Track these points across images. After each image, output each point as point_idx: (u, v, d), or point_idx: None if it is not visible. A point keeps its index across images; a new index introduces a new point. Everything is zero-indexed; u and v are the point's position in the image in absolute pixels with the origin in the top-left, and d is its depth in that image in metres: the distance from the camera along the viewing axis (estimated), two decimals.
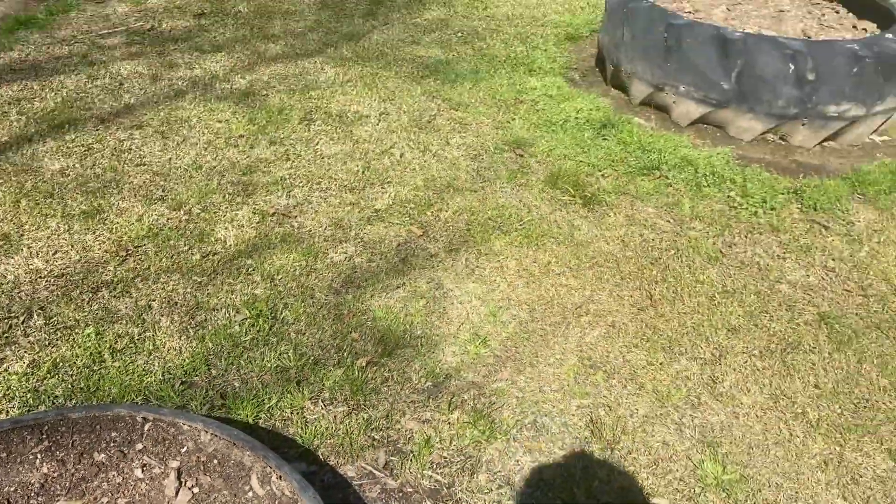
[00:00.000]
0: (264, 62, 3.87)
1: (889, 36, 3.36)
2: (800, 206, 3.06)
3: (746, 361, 2.33)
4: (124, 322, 2.29)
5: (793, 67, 3.23)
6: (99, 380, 2.08)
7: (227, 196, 2.89)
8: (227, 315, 2.34)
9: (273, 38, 4.13)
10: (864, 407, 2.21)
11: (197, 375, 2.13)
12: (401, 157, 3.20)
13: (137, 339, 2.23)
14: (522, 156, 3.27)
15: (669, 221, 2.94)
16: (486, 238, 2.76)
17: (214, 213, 2.80)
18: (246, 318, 2.33)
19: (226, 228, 2.72)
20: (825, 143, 3.50)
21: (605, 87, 3.93)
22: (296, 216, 2.80)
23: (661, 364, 2.29)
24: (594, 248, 2.76)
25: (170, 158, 3.09)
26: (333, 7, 4.56)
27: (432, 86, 3.76)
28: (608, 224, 2.90)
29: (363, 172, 3.07)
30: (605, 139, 3.40)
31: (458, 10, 4.63)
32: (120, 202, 2.82)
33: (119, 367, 2.13)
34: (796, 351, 2.37)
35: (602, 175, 3.18)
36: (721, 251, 2.79)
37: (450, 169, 3.14)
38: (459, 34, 4.34)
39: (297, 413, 2.04)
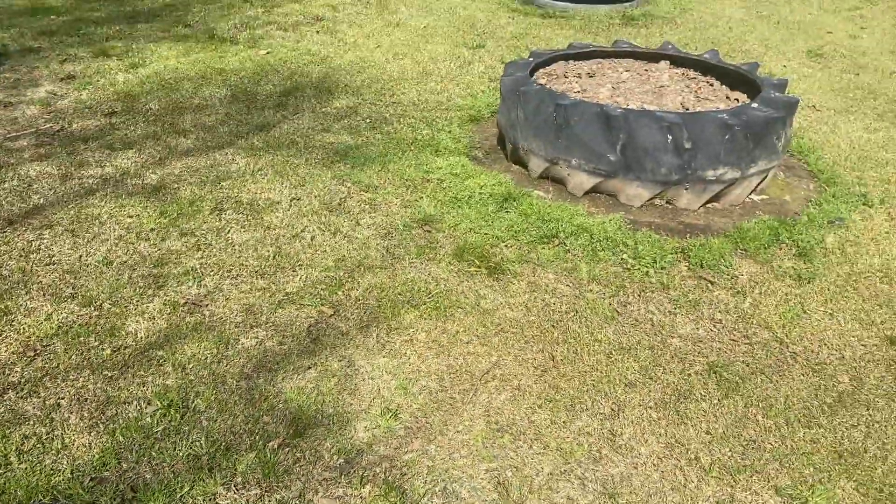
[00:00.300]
0: (175, 156, 3.96)
1: (755, 105, 3.70)
2: (688, 264, 3.29)
3: (643, 413, 2.47)
4: (31, 422, 2.28)
5: (670, 138, 3.51)
6: (4, 483, 2.06)
7: (138, 289, 2.92)
8: (138, 407, 2.36)
9: (184, 132, 4.24)
10: (752, 448, 2.37)
11: (107, 470, 2.14)
12: (312, 240, 3.31)
13: (45, 439, 2.22)
14: (430, 231, 3.43)
15: (569, 285, 3.11)
16: (397, 313, 2.87)
17: (125, 306, 2.83)
18: (157, 409, 2.35)
19: (137, 321, 2.75)
20: (709, 205, 3.78)
21: (507, 163, 4.16)
22: (207, 305, 2.86)
23: (563, 422, 2.41)
24: (499, 315, 2.90)
25: (80, 256, 3.12)
26: (245, 100, 4.71)
27: (342, 170, 3.91)
28: (512, 291, 3.05)
29: (274, 257, 3.16)
30: (507, 212, 3.60)
31: (367, 98, 4.85)
32: (28, 302, 2.82)
33: (26, 468, 2.11)
34: (688, 400, 2.54)
35: (505, 245, 3.35)
36: (616, 310, 2.97)
37: (360, 248, 3.27)
38: (368, 120, 4.54)
39: (210, 500, 2.06)
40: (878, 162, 4.32)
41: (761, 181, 3.86)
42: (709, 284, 3.17)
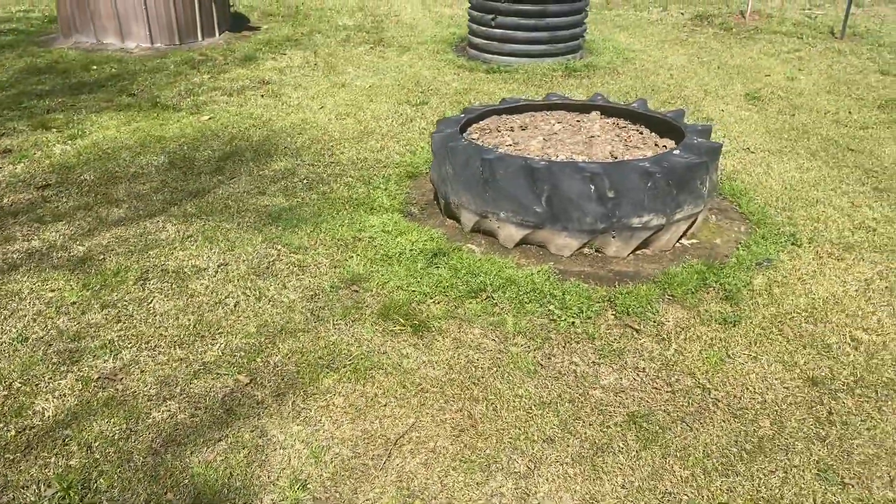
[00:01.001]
0: (105, 227, 3.93)
1: (676, 152, 3.76)
2: (614, 312, 3.29)
3: (559, 470, 2.43)
4: None
5: (593, 188, 3.55)
6: None
7: (51, 366, 2.86)
8: (36, 491, 2.29)
9: (117, 202, 4.22)
10: (668, 500, 2.33)
11: None
12: (235, 306, 3.27)
13: None
14: (357, 291, 3.41)
15: (494, 340, 3.09)
16: (315, 378, 2.83)
17: (36, 384, 2.77)
18: (56, 492, 2.28)
19: (46, 399, 2.69)
20: (639, 252, 3.80)
21: (442, 217, 4.17)
22: (121, 378, 2.80)
23: (477, 484, 2.37)
24: (421, 374, 2.87)
25: None
26: (181, 167, 4.71)
27: (274, 233, 3.90)
28: (436, 349, 3.02)
29: (195, 326, 3.12)
30: (437, 268, 3.59)
31: (306, 159, 4.87)
32: None
33: None
34: (606, 453, 2.50)
35: (433, 302, 3.33)
36: (540, 363, 2.95)
37: (285, 313, 3.23)
38: (305, 181, 4.55)
39: None
40: (809, 201, 4.39)
41: (689, 226, 3.90)
42: (634, 332, 3.16)
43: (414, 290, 3.40)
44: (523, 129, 4.57)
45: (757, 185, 4.62)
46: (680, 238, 3.92)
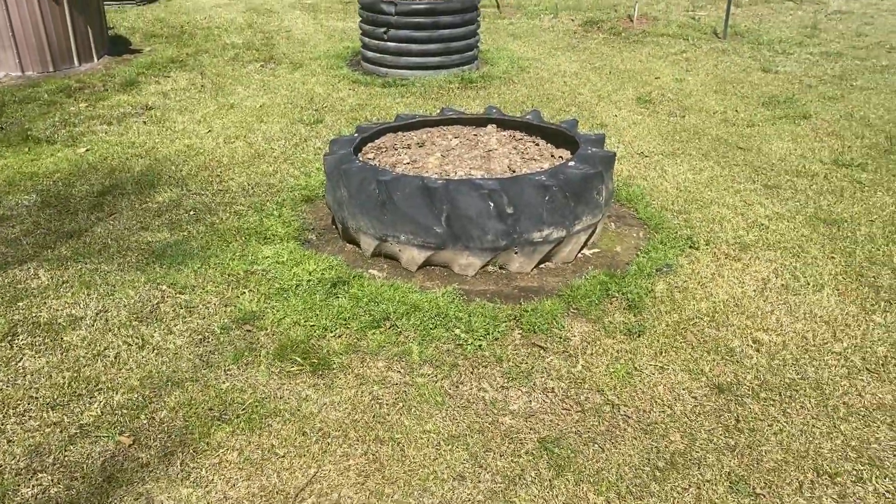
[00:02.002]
0: None
1: (571, 163, 3.73)
2: (521, 331, 3.21)
3: None
4: None
5: (492, 205, 3.47)
6: None
7: None
8: None
9: None
10: None
11: None
12: (116, 357, 3.01)
13: None
14: (251, 331, 3.20)
15: (399, 372, 2.95)
16: (206, 432, 2.62)
17: None
18: None
19: None
20: (541, 266, 3.75)
21: (341, 243, 4.01)
22: None
23: None
24: (322, 418, 2.70)
25: None
26: (56, 205, 4.37)
27: (158, 272, 3.64)
28: (338, 388, 2.86)
29: (70, 384, 2.85)
30: (337, 298, 3.43)
31: (192, 188, 4.61)
32: None
33: None
34: (519, 485, 2.40)
35: (333, 336, 3.17)
36: (448, 393, 2.83)
37: (171, 361, 3.00)
38: (192, 212, 4.29)
39: None
40: (703, 202, 4.45)
41: (590, 236, 3.88)
42: (541, 351, 3.09)
43: (313, 325, 3.23)
44: (420, 146, 4.46)
45: (653, 189, 4.66)
46: (581, 249, 3.89)
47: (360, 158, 4.20)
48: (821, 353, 3.06)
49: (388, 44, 7.16)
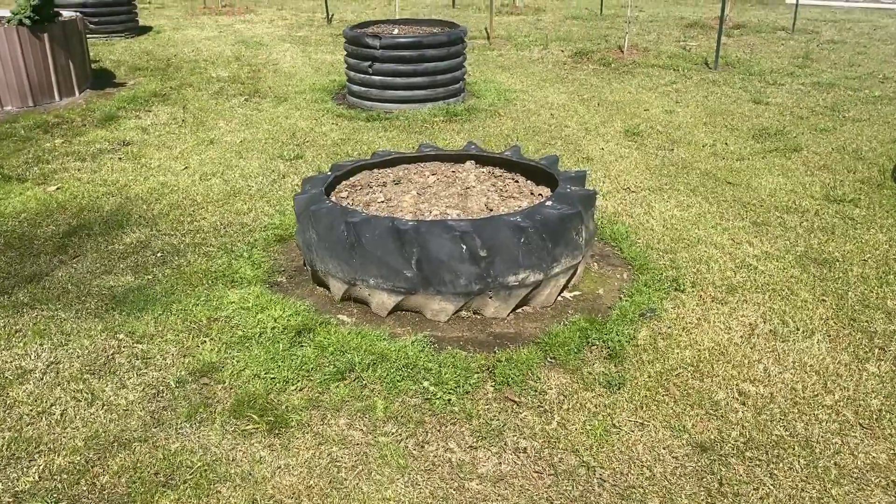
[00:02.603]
0: None
1: (549, 203, 3.57)
2: (493, 383, 3.03)
3: None
4: None
5: (464, 247, 3.31)
6: None
7: None
8: None
9: None
10: None
11: None
12: (62, 415, 2.83)
13: None
14: (208, 384, 3.03)
15: (361, 430, 2.77)
16: (150, 499, 2.43)
17: None
18: None
19: None
20: (519, 311, 3.58)
21: (312, 286, 3.85)
22: None
23: None
24: (274, 484, 2.51)
25: None
26: (18, 247, 4.22)
27: (117, 319, 3.47)
28: (294, 449, 2.68)
29: (10, 446, 2.67)
30: (301, 346, 3.26)
31: (162, 228, 4.46)
32: None
33: None
34: None
35: (295, 389, 2.99)
36: (412, 453, 2.65)
37: (120, 418, 2.82)
38: (159, 254, 4.14)
39: None
40: (690, 241, 4.30)
41: (570, 278, 3.71)
42: (514, 406, 2.91)
43: (273, 378, 3.05)
44: (397, 184, 4.32)
45: (638, 226, 4.51)
46: (561, 291, 3.73)
47: (334, 197, 4.06)
48: (811, 407, 2.88)
49: (373, 77, 7.06)
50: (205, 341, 3.31)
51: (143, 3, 14.67)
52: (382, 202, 4.07)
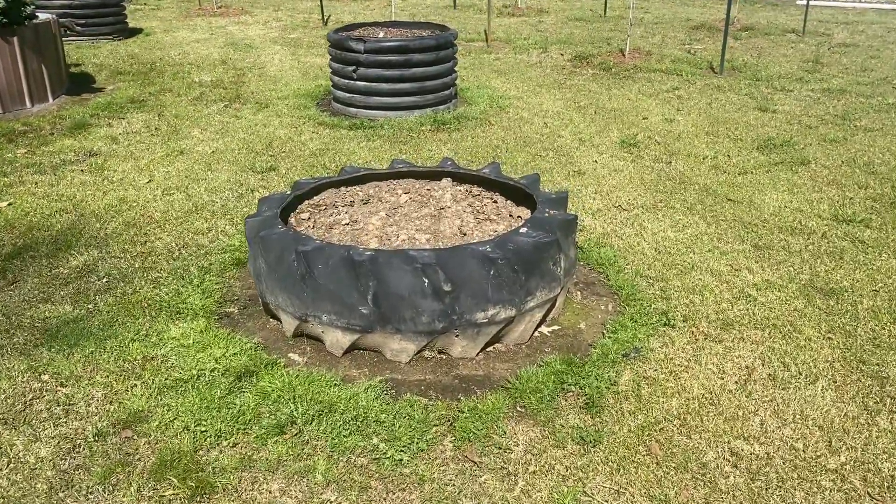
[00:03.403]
0: None
1: (523, 230, 3.22)
2: (453, 438, 2.68)
3: None
4: None
5: (426, 281, 2.96)
6: None
7: None
8: None
9: None
10: None
11: None
12: None
13: None
14: (131, 438, 2.69)
15: (297, 497, 2.43)
16: None
17: None
18: None
19: None
20: (490, 349, 3.23)
21: (265, 318, 3.51)
22: None
23: None
24: None
25: None
26: None
27: (45, 357, 3.14)
28: None
29: None
30: (242, 392, 2.92)
31: (112, 250, 4.12)
32: None
33: None
34: None
35: (228, 445, 2.65)
36: None
37: (25, 480, 2.48)
38: (105, 280, 3.80)
39: None
40: (684, 267, 3.93)
41: (547, 312, 3.36)
42: (474, 467, 2.55)
43: (204, 431, 2.71)
44: (365, 203, 3.97)
45: (628, 250, 4.14)
46: (538, 326, 3.37)
47: (294, 219, 3.72)
48: (812, 472, 2.51)
49: (358, 83, 6.72)
50: (135, 385, 2.97)
51: (139, 4, 14.40)
52: (347, 224, 3.73)
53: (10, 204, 4.74)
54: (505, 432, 2.71)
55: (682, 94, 7.63)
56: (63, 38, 9.95)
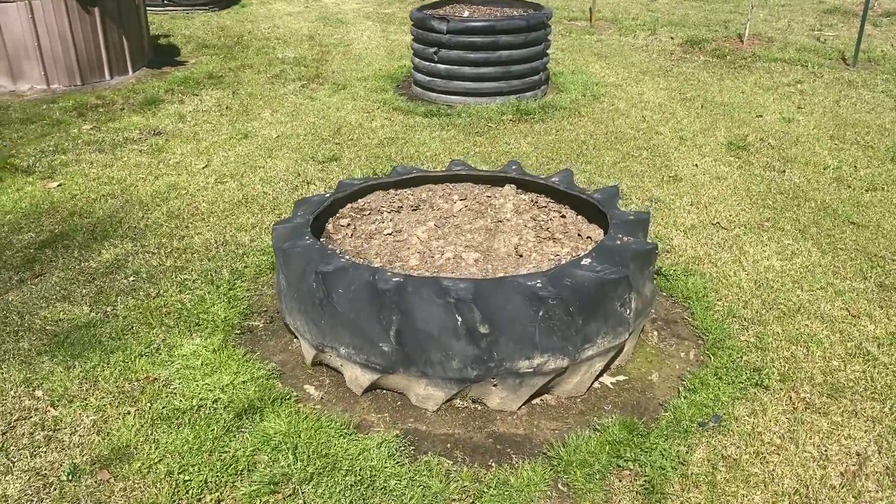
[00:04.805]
0: None
1: (585, 262, 2.66)
2: None
3: None
4: None
5: (459, 319, 2.47)
6: None
7: None
8: None
9: None
10: None
11: None
12: None
13: None
14: (107, 481, 2.35)
15: None
16: None
17: None
18: None
19: None
20: (536, 400, 2.71)
21: (289, 337, 3.12)
22: None
23: None
24: None
25: None
26: None
27: (45, 369, 2.87)
28: None
29: None
30: (240, 433, 2.53)
31: (148, 244, 3.84)
32: None
33: None
34: None
35: (211, 500, 2.27)
36: None
37: None
38: (132, 278, 3.52)
39: None
40: (788, 308, 3.26)
41: (611, 360, 2.80)
42: None
43: (188, 480, 2.34)
44: (415, 210, 3.51)
45: (722, 280, 3.50)
46: (599, 376, 2.82)
47: (331, 225, 3.30)
48: None
49: (438, 66, 6.22)
50: (129, 412, 2.64)
51: None
52: (390, 234, 3.28)
53: (60, 185, 4.56)
54: None
55: (804, 89, 6.72)
56: (161, 7, 9.96)
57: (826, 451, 2.46)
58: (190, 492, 2.30)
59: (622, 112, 6.06)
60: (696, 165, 4.94)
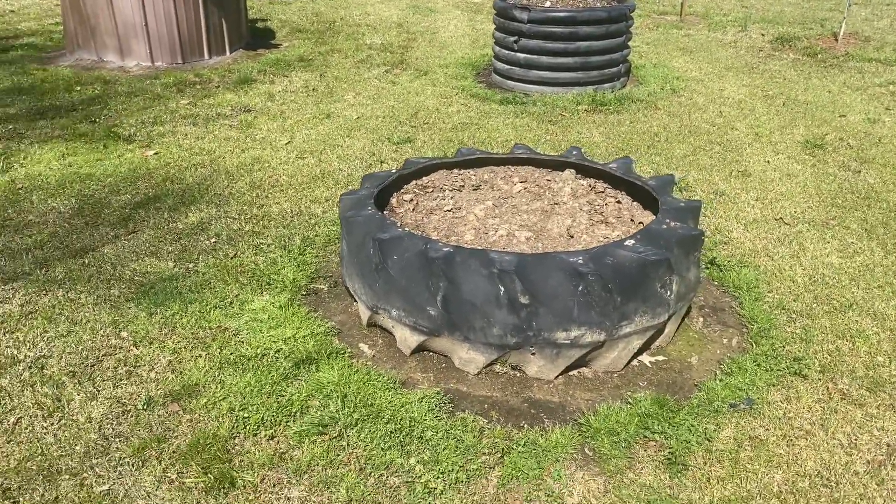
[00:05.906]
0: None
1: (628, 243, 2.77)
2: (499, 474, 2.36)
3: None
4: None
5: (502, 289, 2.63)
6: None
7: None
8: None
9: None
10: None
11: None
12: (14, 425, 2.57)
13: None
14: (177, 412, 2.63)
15: None
16: None
17: None
18: None
19: None
20: (574, 372, 2.84)
21: (350, 300, 3.35)
22: None
23: None
24: None
25: None
26: (89, 214, 4.10)
27: (130, 313, 3.19)
28: None
29: None
30: (296, 380, 2.77)
31: (230, 210, 4.15)
32: None
33: None
34: None
35: (265, 436, 2.52)
36: None
37: (69, 441, 2.50)
38: (213, 240, 3.83)
39: None
40: (840, 305, 3.27)
41: (650, 340, 2.90)
42: None
43: (247, 416, 2.59)
44: (476, 189, 3.67)
45: (775, 274, 3.52)
46: (637, 355, 2.92)
47: (395, 199, 3.50)
48: None
49: (518, 55, 6.35)
50: (200, 356, 2.92)
51: None
52: (449, 210, 3.46)
53: (156, 153, 4.95)
54: (561, 477, 2.34)
55: None
56: None
57: (856, 440, 2.50)
58: (248, 427, 2.55)
59: (699, 106, 6.04)
60: (768, 162, 4.91)
